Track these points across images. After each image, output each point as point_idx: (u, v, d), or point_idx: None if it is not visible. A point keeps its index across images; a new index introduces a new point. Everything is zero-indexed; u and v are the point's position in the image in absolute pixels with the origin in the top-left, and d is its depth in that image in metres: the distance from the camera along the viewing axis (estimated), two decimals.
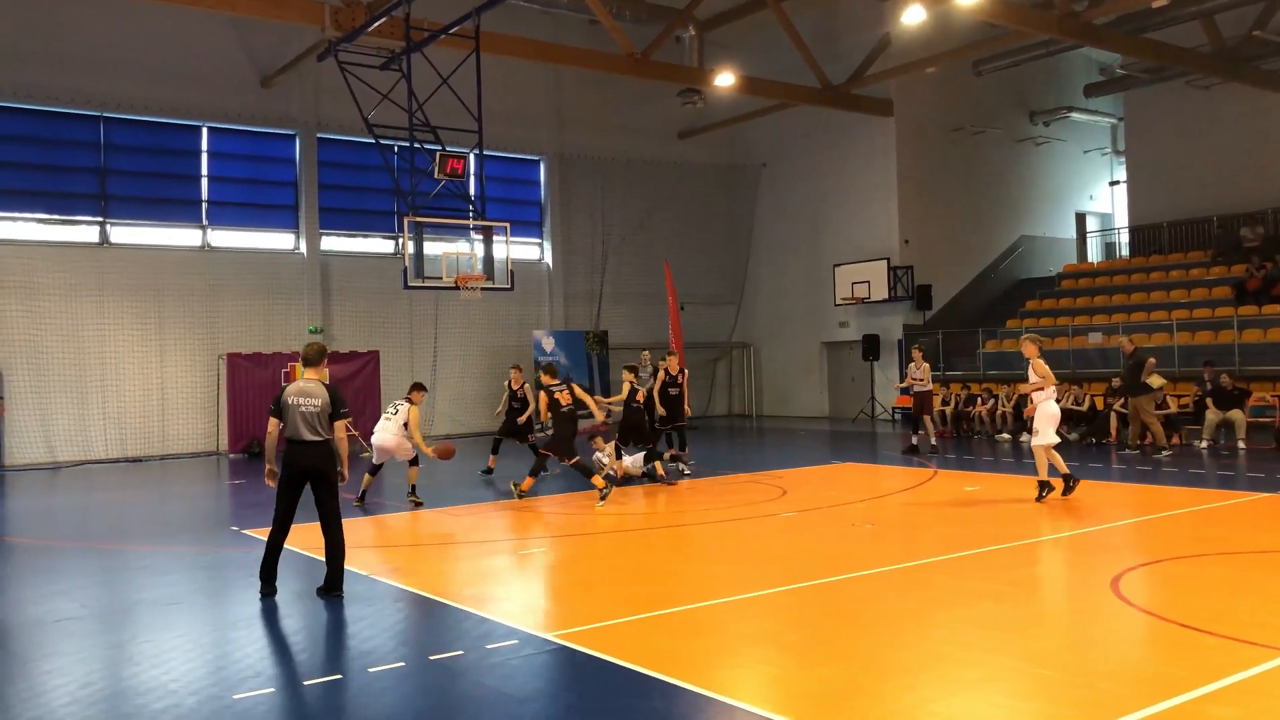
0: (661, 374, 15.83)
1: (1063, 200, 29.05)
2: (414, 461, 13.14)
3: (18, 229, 20.07)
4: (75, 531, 12.01)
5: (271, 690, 5.69)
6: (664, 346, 23.94)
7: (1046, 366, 11.63)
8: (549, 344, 24.94)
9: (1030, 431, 12.08)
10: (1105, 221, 30.17)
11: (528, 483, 13.07)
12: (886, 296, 24.72)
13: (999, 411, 20.46)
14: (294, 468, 7.93)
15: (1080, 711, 4.94)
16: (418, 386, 13.22)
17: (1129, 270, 24.65)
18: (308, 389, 7.98)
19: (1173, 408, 17.95)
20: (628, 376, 14.56)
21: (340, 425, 7.99)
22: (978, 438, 20.42)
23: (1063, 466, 11.42)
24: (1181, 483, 13.10)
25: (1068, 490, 11.37)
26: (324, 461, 7.92)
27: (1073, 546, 9.16)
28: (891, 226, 25.36)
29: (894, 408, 24.98)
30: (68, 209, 20.58)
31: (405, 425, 12.83)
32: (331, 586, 7.89)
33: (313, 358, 8.20)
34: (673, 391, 15.80)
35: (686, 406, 16.02)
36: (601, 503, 12.02)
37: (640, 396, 14.55)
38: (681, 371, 16.16)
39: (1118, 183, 29.89)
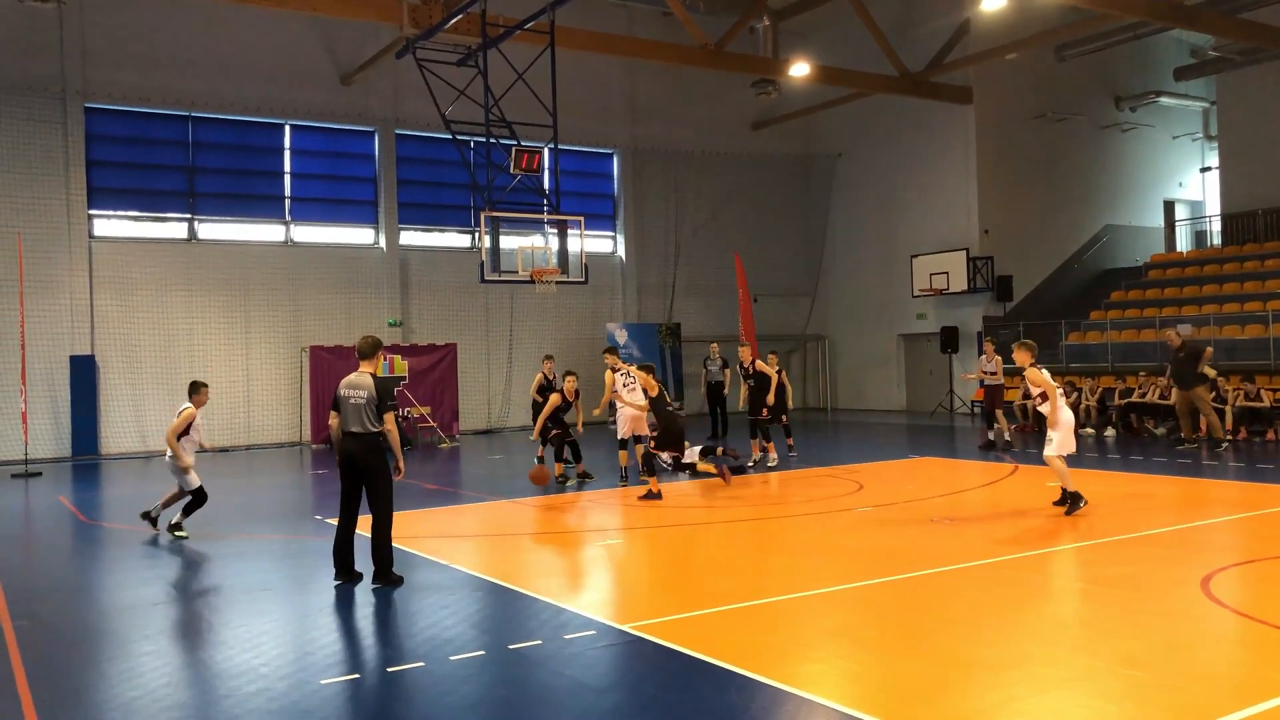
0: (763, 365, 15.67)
1: (1150, 188, 28.16)
2: (182, 493, 10.89)
3: (112, 226, 20.80)
4: (167, 518, 12.42)
5: (357, 676, 5.84)
6: (736, 339, 23.88)
7: (1044, 375, 10.60)
8: (622, 336, 25.03)
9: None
10: (1196, 209, 29.20)
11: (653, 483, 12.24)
12: (965, 288, 24.27)
13: (1082, 405, 19.95)
14: (342, 458, 8.13)
15: (1172, 715, 4.82)
16: (197, 386, 11.38)
17: (1221, 259, 23.82)
18: (357, 381, 8.14)
19: (1266, 401, 17.31)
20: (607, 374, 14.05)
21: (389, 417, 8.05)
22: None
23: (1070, 483, 10.36)
24: (1274, 480, 12.63)
25: (1072, 508, 10.19)
26: (368, 454, 8.03)
27: (1159, 544, 8.91)
28: (971, 216, 24.88)
29: (972, 401, 24.54)
30: (158, 206, 21.26)
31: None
32: (376, 576, 8.05)
33: (365, 350, 8.30)
34: (749, 384, 15.70)
35: (769, 398, 15.68)
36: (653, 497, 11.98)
37: (668, 397, 14.06)
38: (753, 363, 15.85)
39: (1209, 169, 28.87)
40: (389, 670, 5.92)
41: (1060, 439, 10.38)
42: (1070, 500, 10.25)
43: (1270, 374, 18.19)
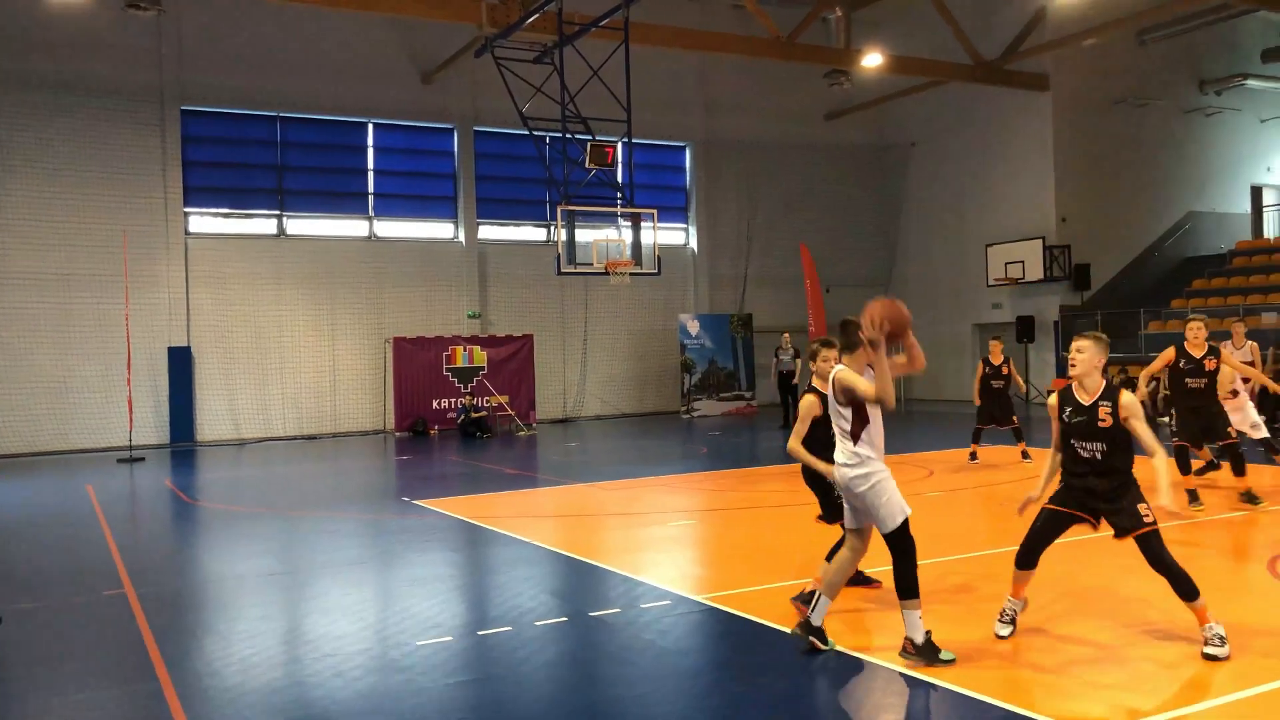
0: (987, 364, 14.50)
1: (1236, 173, 27.49)
2: None
3: (205, 223, 21.78)
4: (264, 499, 13.13)
5: (450, 639, 6.27)
6: (806, 329, 24.01)
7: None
8: (694, 327, 25.35)
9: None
10: None
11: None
12: (1042, 277, 24.04)
13: (1160, 395, 19.67)
14: None
15: (1233, 679, 5.01)
16: None
17: None
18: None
19: None
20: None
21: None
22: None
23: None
24: None
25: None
26: None
27: (1233, 527, 8.93)
28: (1047, 204, 24.61)
29: (1048, 390, 24.29)
30: (249, 204, 22.18)
31: None
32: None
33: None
34: (995, 385, 14.44)
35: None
36: None
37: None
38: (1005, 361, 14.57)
39: None
40: (479, 633, 6.35)
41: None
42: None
43: None
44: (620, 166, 19.63)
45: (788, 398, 21.09)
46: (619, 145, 18.28)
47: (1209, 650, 5.29)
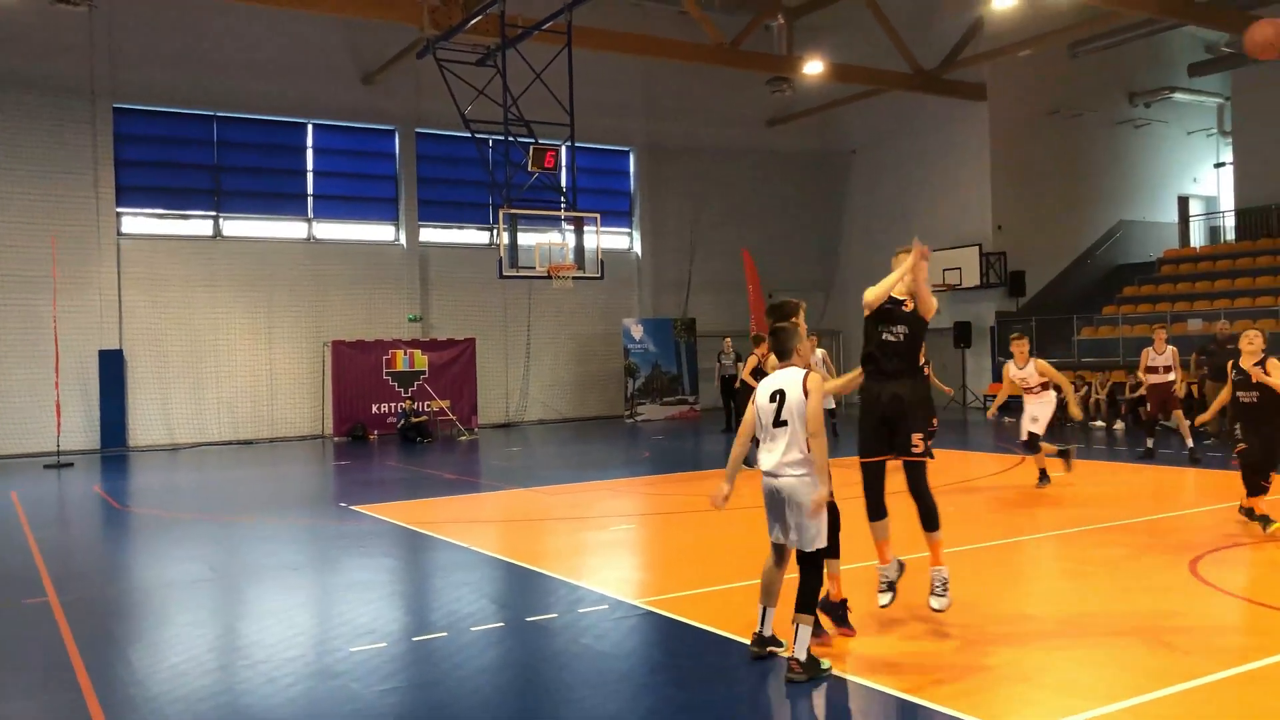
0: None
1: (1164, 184, 28.26)
2: None
3: (139, 224, 21.30)
4: (197, 505, 12.86)
5: (384, 644, 6.20)
6: (748, 334, 24.16)
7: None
8: (638, 332, 25.38)
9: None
10: (1210, 205, 29.27)
11: None
12: (978, 283, 24.48)
13: (1092, 399, 20.17)
14: None
15: (1151, 678, 5.13)
16: None
17: (1234, 255, 23.94)
18: None
19: None
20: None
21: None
22: (1070, 425, 20.15)
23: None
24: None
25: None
26: None
27: (1156, 529, 9.17)
28: (984, 212, 25.08)
29: (985, 395, 24.77)
30: (185, 204, 21.72)
31: None
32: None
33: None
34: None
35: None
36: None
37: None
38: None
39: (1223, 164, 28.94)
40: (414, 639, 6.29)
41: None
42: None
43: None
44: (563, 170, 19.60)
45: (730, 401, 21.22)
46: (562, 149, 18.24)
47: (933, 602, 5.82)
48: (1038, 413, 11.79)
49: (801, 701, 5.15)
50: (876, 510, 5.98)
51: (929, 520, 5.86)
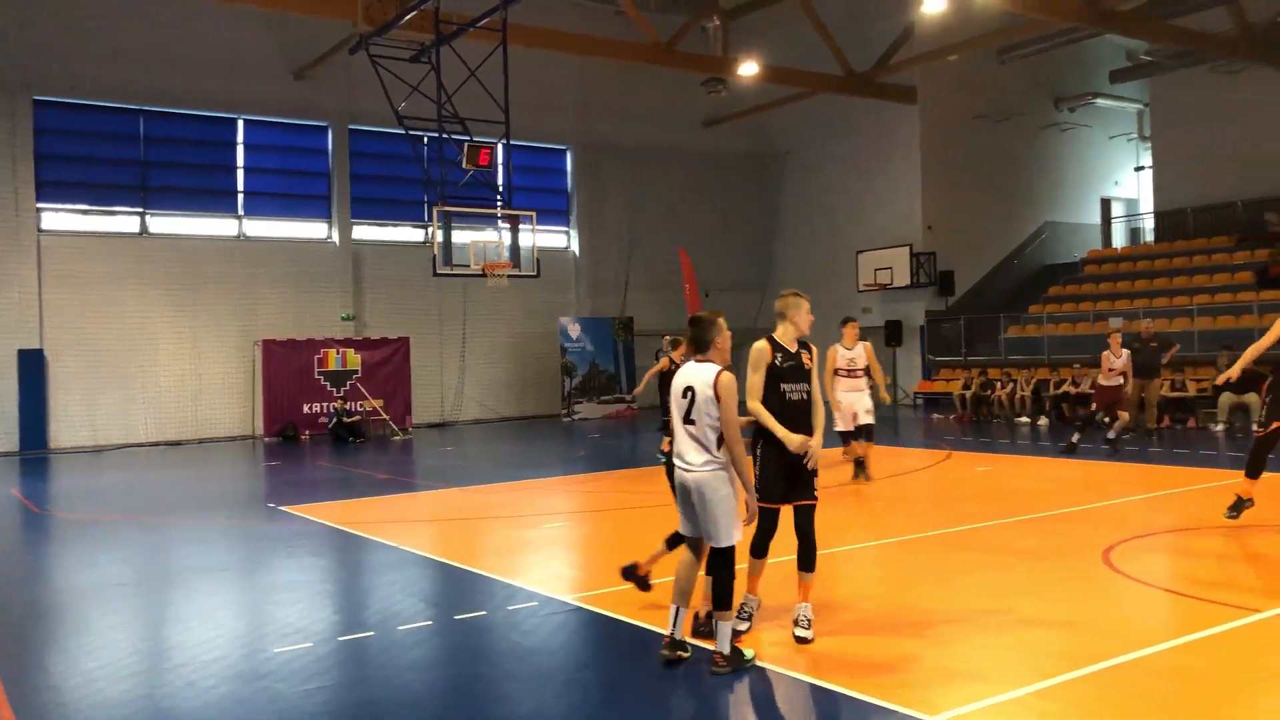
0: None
1: (1088, 186, 29.06)
2: None
3: (61, 220, 20.74)
4: (121, 507, 12.57)
5: (309, 644, 6.14)
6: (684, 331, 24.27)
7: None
8: (575, 330, 25.38)
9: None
10: (1131, 207, 30.15)
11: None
12: (909, 283, 24.92)
13: (1017, 395, 20.67)
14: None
15: (1065, 661, 5.30)
16: None
17: (1153, 256, 24.69)
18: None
19: (1191, 391, 18.11)
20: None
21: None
22: (997, 421, 20.64)
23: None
24: (1193, 463, 13.30)
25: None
26: None
27: (1074, 521, 9.45)
28: (914, 213, 25.55)
29: (915, 393, 25.24)
30: (109, 200, 21.23)
31: None
32: None
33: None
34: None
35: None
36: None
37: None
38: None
39: (1143, 168, 29.82)
40: (340, 639, 6.24)
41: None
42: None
43: (1194, 365, 18.97)
44: (499, 168, 19.52)
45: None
46: (498, 147, 18.17)
47: (798, 632, 5.78)
48: (868, 403, 12.03)
49: (726, 694, 5.22)
50: (761, 551, 6.01)
51: (807, 561, 5.85)
